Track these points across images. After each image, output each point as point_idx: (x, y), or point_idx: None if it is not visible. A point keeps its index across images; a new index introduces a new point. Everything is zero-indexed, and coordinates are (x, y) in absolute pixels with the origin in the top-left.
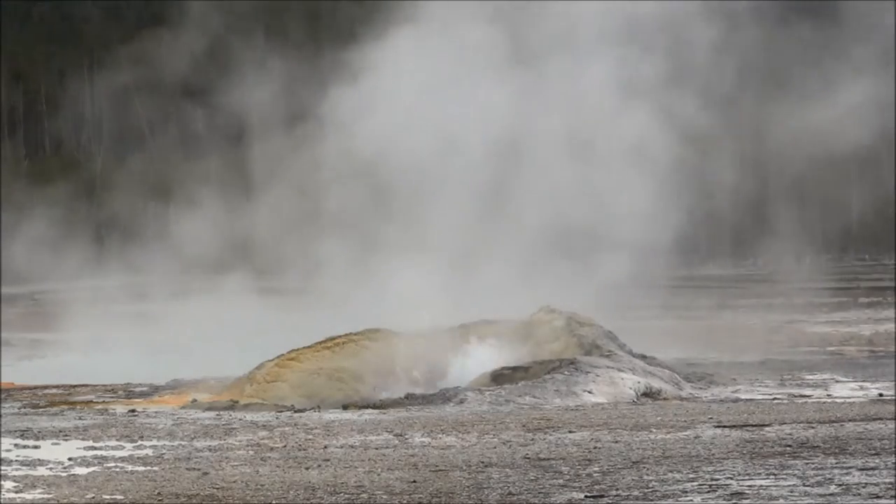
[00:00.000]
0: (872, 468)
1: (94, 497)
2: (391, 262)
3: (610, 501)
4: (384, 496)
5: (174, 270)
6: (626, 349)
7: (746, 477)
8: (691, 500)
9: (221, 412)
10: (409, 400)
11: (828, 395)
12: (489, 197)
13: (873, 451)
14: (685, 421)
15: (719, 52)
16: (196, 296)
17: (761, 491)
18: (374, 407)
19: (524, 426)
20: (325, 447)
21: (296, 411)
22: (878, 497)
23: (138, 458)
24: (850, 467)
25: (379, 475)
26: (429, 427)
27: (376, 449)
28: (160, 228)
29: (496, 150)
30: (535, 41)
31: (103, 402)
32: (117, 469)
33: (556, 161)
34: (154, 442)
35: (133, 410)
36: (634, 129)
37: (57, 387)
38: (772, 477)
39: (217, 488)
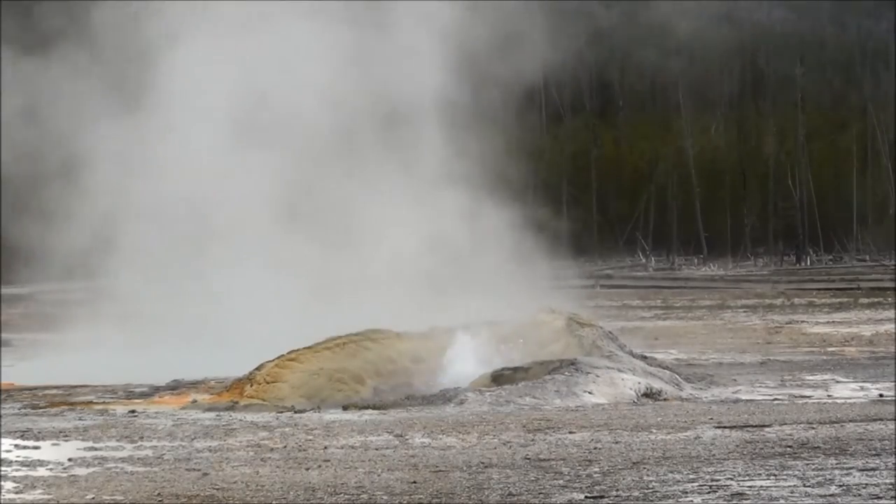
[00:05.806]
0: (873, 469)
1: (94, 498)
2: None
3: (610, 502)
4: (384, 497)
5: None
6: (626, 350)
7: (747, 478)
8: (691, 501)
9: (221, 413)
10: (409, 400)
11: (828, 396)
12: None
13: (874, 452)
14: (685, 422)
15: None
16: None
17: (762, 492)
18: (375, 407)
19: (524, 427)
20: (326, 448)
21: (296, 412)
22: (878, 497)
23: (138, 458)
24: (851, 468)
25: (379, 476)
26: (429, 428)
27: (376, 450)
28: None
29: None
30: None
31: (103, 402)
32: (117, 470)
33: None
34: (154, 443)
35: (133, 411)
36: None
37: (57, 387)
38: (772, 478)
39: (217, 489)
